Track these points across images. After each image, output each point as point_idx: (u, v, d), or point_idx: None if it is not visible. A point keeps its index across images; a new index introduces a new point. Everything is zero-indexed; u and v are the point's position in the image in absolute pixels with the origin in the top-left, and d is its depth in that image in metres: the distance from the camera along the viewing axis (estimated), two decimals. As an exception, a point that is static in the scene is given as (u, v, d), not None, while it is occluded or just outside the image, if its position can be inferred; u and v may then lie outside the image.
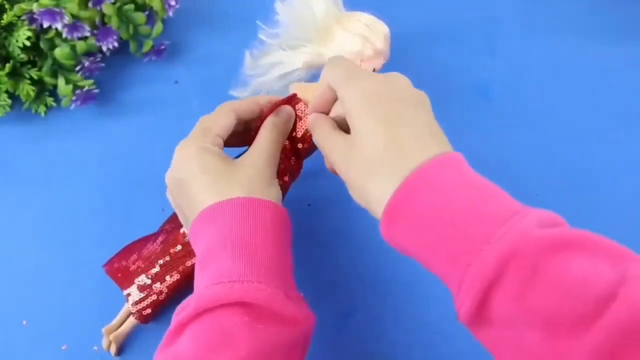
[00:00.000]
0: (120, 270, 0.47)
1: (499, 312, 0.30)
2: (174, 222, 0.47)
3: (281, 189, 0.43)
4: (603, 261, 0.29)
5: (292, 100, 0.46)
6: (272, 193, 0.41)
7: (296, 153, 0.46)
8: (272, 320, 0.35)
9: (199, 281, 0.37)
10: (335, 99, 0.41)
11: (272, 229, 0.38)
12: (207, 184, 0.39)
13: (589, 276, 0.28)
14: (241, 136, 0.45)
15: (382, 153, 0.35)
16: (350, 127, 0.37)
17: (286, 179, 0.45)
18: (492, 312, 0.30)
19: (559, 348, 0.28)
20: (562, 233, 0.30)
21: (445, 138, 0.36)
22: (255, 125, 0.45)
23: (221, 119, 0.43)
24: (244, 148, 0.47)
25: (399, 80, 0.38)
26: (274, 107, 0.45)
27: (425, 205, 0.32)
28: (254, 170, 0.40)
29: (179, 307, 0.36)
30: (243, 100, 0.45)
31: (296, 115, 0.46)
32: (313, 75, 0.51)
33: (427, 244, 0.33)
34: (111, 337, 0.45)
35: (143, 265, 0.46)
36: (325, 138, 0.40)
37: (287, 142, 0.45)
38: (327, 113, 0.42)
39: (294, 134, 0.45)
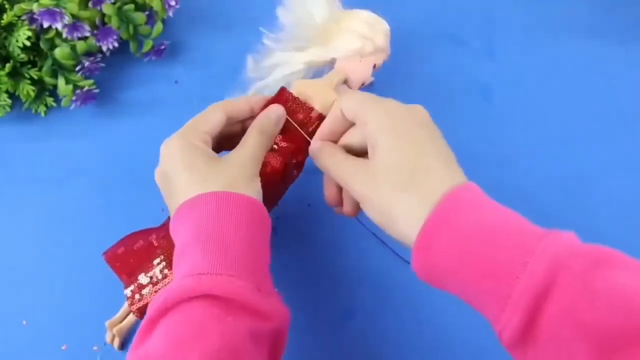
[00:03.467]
0: (119, 260, 0.46)
1: (549, 327, 0.29)
2: None
3: (287, 181, 0.43)
4: None
5: (282, 95, 0.46)
6: (252, 189, 0.40)
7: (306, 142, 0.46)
8: (242, 313, 0.35)
9: (175, 275, 0.37)
10: (344, 131, 0.42)
11: (247, 223, 0.38)
12: (189, 178, 0.39)
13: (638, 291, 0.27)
14: (238, 139, 0.45)
15: (410, 171, 0.35)
16: (374, 146, 0.37)
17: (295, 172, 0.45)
18: (540, 328, 0.29)
19: None
20: (602, 248, 0.30)
21: (461, 169, 0.37)
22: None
23: (209, 116, 0.43)
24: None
25: (421, 110, 0.39)
26: (266, 105, 0.45)
27: (461, 224, 0.32)
28: (235, 166, 0.40)
29: (152, 300, 0.36)
30: (234, 99, 0.46)
31: (294, 108, 0.46)
32: (314, 73, 0.51)
33: (466, 264, 0.32)
34: (114, 330, 0.45)
35: (142, 260, 0.46)
36: (341, 163, 0.40)
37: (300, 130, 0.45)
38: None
39: (300, 116, 0.45)
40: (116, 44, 0.57)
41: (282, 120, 0.45)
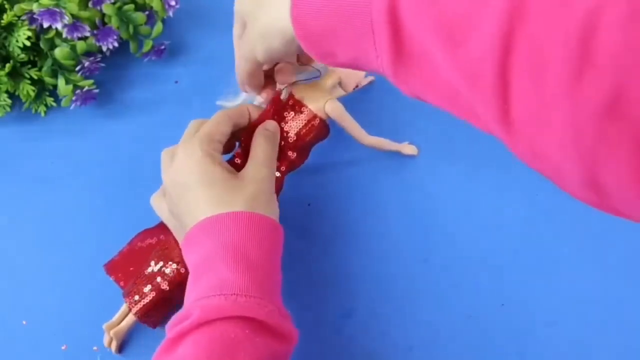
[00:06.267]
0: (120, 269, 0.47)
1: (411, 29, 0.29)
2: None
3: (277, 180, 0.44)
4: None
5: (288, 100, 0.47)
6: (272, 210, 0.41)
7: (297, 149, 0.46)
8: (268, 335, 0.36)
9: (194, 288, 0.38)
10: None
11: (269, 246, 0.39)
12: (210, 194, 0.40)
13: None
14: (227, 144, 0.46)
15: None
16: None
17: (283, 169, 0.46)
18: (405, 35, 0.30)
19: (461, 56, 0.28)
20: None
21: None
22: (243, 134, 0.46)
23: (221, 127, 0.43)
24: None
25: None
26: (262, 114, 0.46)
27: None
28: (256, 187, 0.41)
29: (175, 318, 0.37)
30: (234, 108, 0.47)
31: (287, 114, 0.46)
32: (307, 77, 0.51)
33: (332, 15, 0.33)
34: (112, 333, 0.45)
35: (141, 263, 0.46)
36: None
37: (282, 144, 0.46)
38: None
39: (285, 134, 0.46)
40: (116, 44, 0.57)
41: (278, 132, 0.46)
